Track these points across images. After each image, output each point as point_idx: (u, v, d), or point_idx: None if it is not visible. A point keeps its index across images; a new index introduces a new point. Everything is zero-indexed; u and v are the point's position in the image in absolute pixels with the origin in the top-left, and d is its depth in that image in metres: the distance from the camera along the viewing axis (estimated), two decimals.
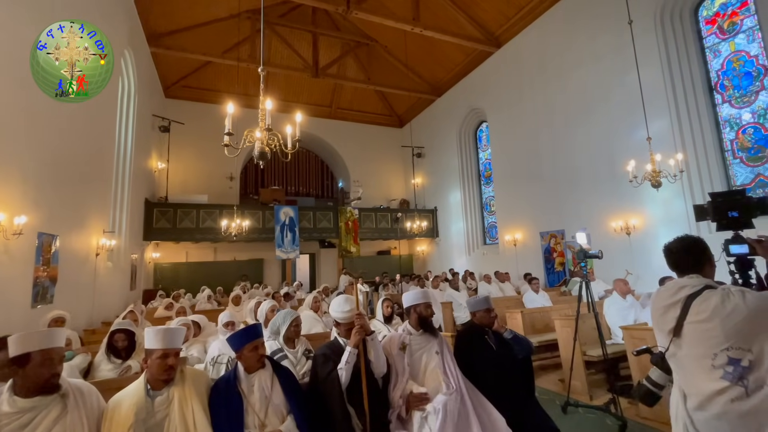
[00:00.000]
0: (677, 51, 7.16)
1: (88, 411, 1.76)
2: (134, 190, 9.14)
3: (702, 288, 1.54)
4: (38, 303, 4.72)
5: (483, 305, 2.83)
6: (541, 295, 6.46)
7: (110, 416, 1.79)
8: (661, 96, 7.08)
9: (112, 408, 1.82)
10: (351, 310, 2.48)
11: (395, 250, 15.63)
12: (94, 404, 1.81)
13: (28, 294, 4.52)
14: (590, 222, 8.40)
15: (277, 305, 3.89)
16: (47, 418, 1.62)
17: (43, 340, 1.67)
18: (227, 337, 2.23)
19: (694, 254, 1.67)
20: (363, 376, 2.21)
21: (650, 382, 1.70)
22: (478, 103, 12.51)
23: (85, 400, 1.77)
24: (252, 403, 2.03)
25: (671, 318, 1.58)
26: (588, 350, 4.36)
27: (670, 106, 6.99)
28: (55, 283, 5.17)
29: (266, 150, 2.88)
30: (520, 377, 2.70)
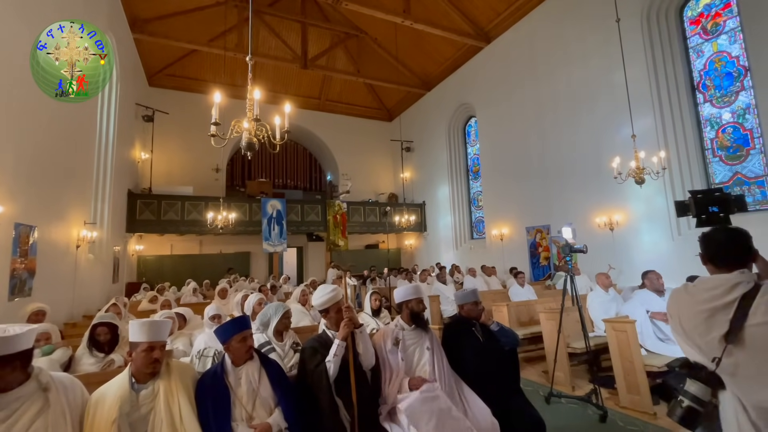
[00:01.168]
0: (662, 50, 7.29)
1: (71, 405, 1.71)
2: (117, 180, 8.90)
3: (754, 285, 1.35)
4: (16, 296, 4.57)
5: (471, 298, 2.86)
6: (526, 288, 6.57)
7: (93, 410, 1.75)
8: (646, 94, 7.22)
9: (95, 402, 1.78)
10: (334, 290, 2.48)
11: (383, 243, 15.67)
12: (78, 398, 1.76)
13: (5, 286, 4.38)
14: (575, 217, 8.55)
15: (264, 298, 3.88)
16: (28, 413, 1.57)
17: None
18: (215, 328, 2.20)
19: (746, 247, 1.46)
20: (351, 368, 2.21)
21: (690, 398, 1.42)
22: (468, 98, 12.54)
23: (68, 393, 1.72)
24: (239, 396, 2.02)
25: (722, 322, 1.35)
26: (571, 342, 4.46)
27: (654, 104, 7.14)
28: (34, 276, 5.02)
29: (254, 141, 2.83)
30: (506, 369, 2.74)
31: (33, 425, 1.56)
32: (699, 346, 1.43)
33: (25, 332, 1.58)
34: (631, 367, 3.63)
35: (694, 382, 1.43)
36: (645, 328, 3.87)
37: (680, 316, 1.49)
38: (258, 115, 2.78)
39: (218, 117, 2.80)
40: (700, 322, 1.41)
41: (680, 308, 1.51)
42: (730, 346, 1.33)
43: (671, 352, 3.77)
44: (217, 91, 2.77)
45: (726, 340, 1.33)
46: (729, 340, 1.33)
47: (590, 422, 3.43)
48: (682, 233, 6.77)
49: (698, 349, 1.44)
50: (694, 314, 1.43)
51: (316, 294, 2.56)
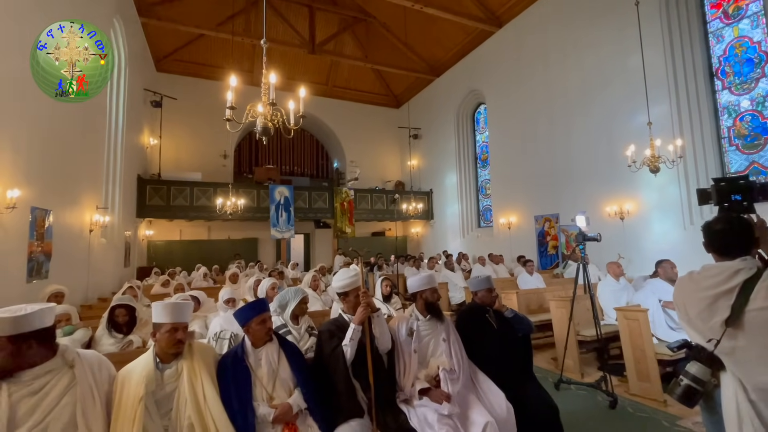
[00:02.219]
0: (680, 35, 7.09)
1: (98, 381, 1.75)
2: (126, 166, 8.96)
3: (756, 271, 1.40)
4: (33, 278, 4.67)
5: (485, 285, 2.87)
6: (535, 277, 6.58)
7: (120, 387, 1.80)
8: (662, 80, 7.05)
9: (122, 379, 1.83)
10: (356, 275, 2.50)
11: (390, 231, 15.69)
12: (105, 375, 1.81)
13: (23, 268, 4.47)
14: (585, 206, 8.47)
15: (277, 283, 3.92)
16: (57, 387, 1.64)
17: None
18: (235, 311, 2.23)
19: (747, 234, 1.51)
20: (368, 352, 2.24)
21: (690, 378, 1.50)
22: (477, 85, 12.35)
23: (94, 370, 1.76)
24: (260, 377, 2.06)
25: (724, 307, 1.41)
26: (581, 330, 4.48)
27: (670, 90, 6.97)
28: (50, 258, 5.11)
29: (269, 126, 2.81)
30: (520, 355, 2.77)
31: (62, 400, 1.62)
32: (702, 332, 1.48)
33: (37, 311, 1.62)
34: (642, 355, 3.64)
35: (694, 363, 1.50)
36: (657, 317, 3.87)
37: (685, 303, 1.54)
38: (274, 99, 2.76)
39: (234, 107, 2.79)
40: (703, 307, 1.46)
41: (685, 295, 1.56)
42: (730, 329, 1.38)
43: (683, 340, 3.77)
44: (232, 75, 2.75)
45: (726, 324, 1.39)
46: (729, 324, 1.38)
47: (600, 408, 3.47)
48: (694, 223, 6.69)
49: (702, 335, 1.49)
50: (698, 300, 1.48)
51: (337, 277, 2.58)
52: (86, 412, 1.66)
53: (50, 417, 1.59)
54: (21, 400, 1.57)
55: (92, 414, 1.68)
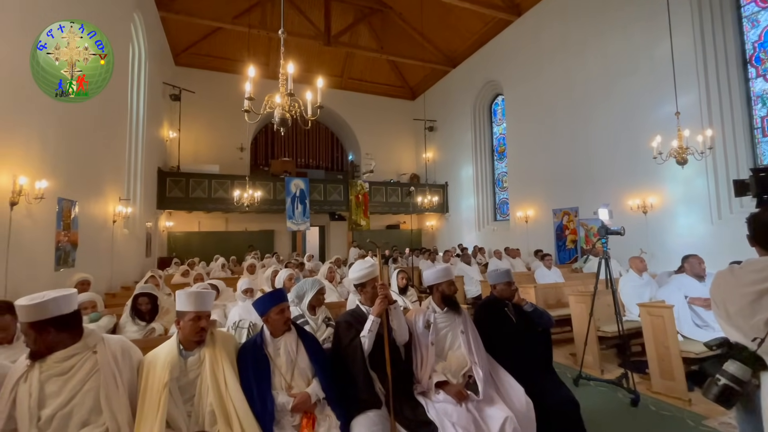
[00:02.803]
0: (712, 19, 6.76)
1: (121, 366, 1.78)
2: (147, 158, 9.15)
3: None
4: (61, 266, 4.83)
5: (504, 278, 2.82)
6: (553, 271, 6.46)
7: (146, 372, 1.84)
8: (691, 68, 6.75)
9: (148, 364, 1.87)
10: (372, 266, 2.49)
11: (405, 224, 15.66)
12: (128, 362, 1.84)
13: (51, 257, 4.63)
14: (606, 200, 8.21)
15: (294, 274, 3.95)
16: (81, 371, 1.69)
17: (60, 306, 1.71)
18: (254, 301, 2.25)
19: None
20: (386, 344, 2.23)
21: (729, 377, 1.42)
22: (495, 76, 12.11)
23: (117, 355, 1.80)
24: (279, 366, 2.08)
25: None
26: (602, 326, 4.38)
27: (700, 79, 6.67)
28: (76, 248, 5.28)
29: (287, 117, 2.81)
30: (539, 349, 2.72)
31: (86, 385, 1.68)
32: (743, 329, 1.40)
33: (51, 299, 1.66)
34: (666, 352, 3.54)
35: (733, 362, 1.41)
36: (682, 314, 3.74)
37: (725, 299, 1.46)
38: (291, 90, 2.75)
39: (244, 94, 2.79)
40: (745, 304, 1.37)
41: (725, 291, 1.47)
42: None
43: (709, 338, 3.64)
44: (251, 66, 2.75)
45: None
46: None
47: (621, 405, 3.39)
48: (722, 217, 6.44)
49: (743, 333, 1.40)
50: (740, 296, 1.40)
51: (354, 268, 2.58)
52: (110, 397, 1.70)
53: (74, 402, 1.65)
54: (49, 379, 1.65)
55: (116, 399, 1.71)
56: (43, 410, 1.62)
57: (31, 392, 1.62)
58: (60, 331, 1.69)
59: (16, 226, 3.83)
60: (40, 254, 4.38)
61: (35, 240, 4.27)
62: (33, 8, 4.19)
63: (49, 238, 4.59)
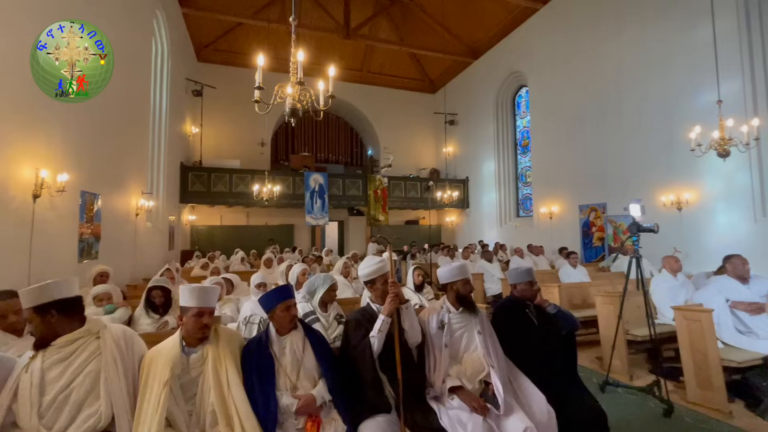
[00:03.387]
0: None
1: (122, 352, 1.80)
2: (170, 153, 9.33)
3: None
4: (84, 258, 4.95)
5: (525, 278, 2.64)
6: (578, 270, 6.16)
7: (147, 368, 1.80)
8: (734, 53, 6.25)
9: (149, 360, 1.82)
10: (382, 261, 2.37)
11: (424, 219, 15.46)
12: (131, 350, 1.84)
13: (75, 249, 4.74)
14: (637, 195, 7.80)
15: (308, 269, 3.88)
16: (83, 355, 1.72)
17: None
18: (259, 297, 2.18)
19: None
20: (396, 345, 2.11)
21: None
22: (519, 66, 11.69)
23: (119, 342, 1.81)
24: (284, 365, 1.99)
25: None
26: (631, 329, 4.11)
27: (744, 64, 6.16)
28: (99, 240, 5.40)
29: (298, 107, 2.71)
30: (563, 354, 2.53)
31: (87, 367, 1.71)
32: None
33: (53, 282, 1.73)
34: (704, 360, 3.26)
35: None
36: (723, 319, 3.44)
37: None
38: (302, 78, 2.64)
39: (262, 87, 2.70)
40: None
41: None
42: None
43: (753, 346, 3.34)
44: (260, 54, 2.66)
45: None
46: None
47: (653, 416, 3.15)
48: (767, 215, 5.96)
49: None
50: None
51: (363, 264, 2.46)
52: (109, 381, 1.70)
53: (74, 383, 1.67)
54: (51, 366, 1.68)
55: (115, 384, 1.71)
56: (44, 397, 1.64)
57: (32, 381, 1.65)
58: (63, 315, 1.74)
59: (39, 218, 3.91)
60: (63, 246, 4.49)
61: (58, 232, 4.37)
62: (55, 3, 4.26)
63: (73, 231, 4.69)
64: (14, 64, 3.44)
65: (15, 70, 3.43)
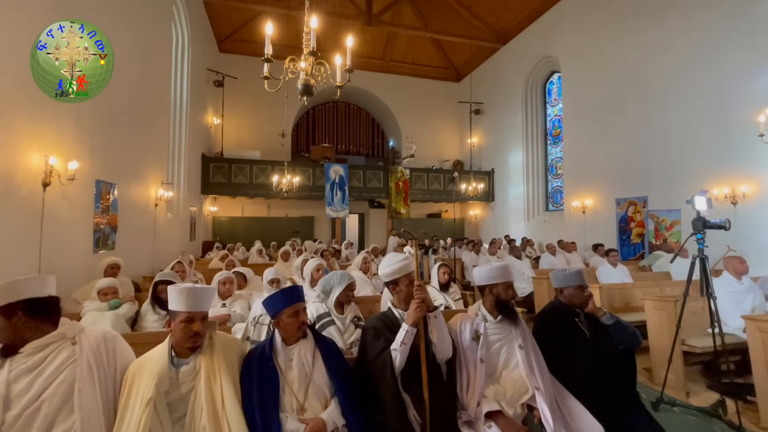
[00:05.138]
0: None
1: (99, 361, 1.55)
2: (191, 143, 9.25)
3: None
4: (100, 248, 4.85)
5: (574, 281, 2.24)
6: (619, 269, 5.62)
7: (129, 382, 1.54)
8: None
9: (133, 373, 1.56)
10: (406, 259, 2.02)
11: (447, 213, 14.99)
12: (111, 358, 1.60)
13: (90, 239, 4.64)
14: (684, 188, 7.12)
15: (324, 264, 3.59)
16: (56, 361, 1.49)
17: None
18: (264, 299, 1.89)
19: None
20: (423, 360, 1.78)
21: None
22: (550, 51, 10.97)
23: (97, 350, 1.56)
24: (290, 382, 1.69)
25: None
26: (687, 339, 3.62)
27: None
28: (116, 231, 5.30)
29: (312, 83, 2.39)
30: (621, 372, 2.13)
31: (58, 377, 1.47)
32: None
33: (22, 279, 1.51)
34: None
35: None
36: None
37: None
38: (315, 48, 2.32)
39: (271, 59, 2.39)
40: None
41: None
42: None
43: None
44: (269, 22, 2.35)
45: None
46: None
47: None
48: None
49: None
50: None
51: (384, 262, 2.12)
52: (83, 393, 1.46)
53: (45, 395, 1.43)
54: (19, 377, 1.44)
55: (89, 398, 1.46)
56: (9, 412, 1.40)
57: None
58: (31, 318, 1.50)
59: (50, 208, 3.78)
60: (77, 236, 4.37)
61: (71, 222, 4.26)
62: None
63: (87, 220, 4.58)
64: (23, 52, 3.29)
65: (24, 56, 3.27)
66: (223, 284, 3.34)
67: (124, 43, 5.36)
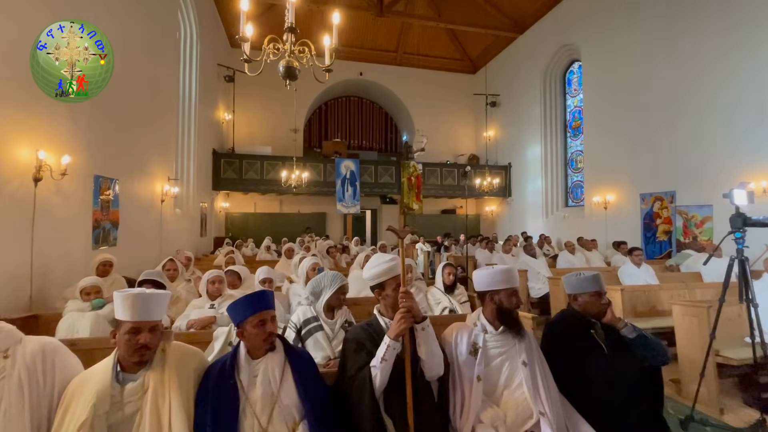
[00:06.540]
0: None
1: (37, 380, 1.38)
2: (200, 139, 9.21)
3: None
4: (100, 245, 4.78)
5: (590, 286, 1.94)
6: (643, 269, 5.20)
7: (67, 402, 1.35)
8: None
9: (72, 393, 1.37)
10: (393, 259, 1.77)
11: (461, 209, 14.61)
12: (49, 374, 1.41)
13: (89, 236, 4.57)
14: (716, 182, 6.59)
15: (318, 263, 3.38)
16: None
17: None
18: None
19: None
20: (408, 378, 1.53)
21: None
22: (571, 39, 10.43)
23: (33, 365, 1.38)
24: (252, 401, 1.47)
25: None
26: (722, 349, 3.24)
27: None
28: (117, 227, 5.23)
29: (295, 65, 2.16)
30: (644, 395, 1.83)
31: None
32: None
33: None
34: None
35: None
36: None
37: None
38: (293, 23, 2.09)
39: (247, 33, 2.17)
40: None
41: None
42: None
43: None
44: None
45: None
46: None
47: None
48: None
49: None
50: None
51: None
52: (9, 416, 1.29)
53: None
54: None
55: (15, 420, 1.29)
56: None
57: None
58: None
59: (43, 203, 3.70)
60: (74, 232, 4.30)
61: (68, 218, 4.18)
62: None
63: (85, 217, 4.51)
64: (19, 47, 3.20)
65: (21, 49, 3.18)
66: (212, 283, 3.15)
67: (127, 39, 5.28)
